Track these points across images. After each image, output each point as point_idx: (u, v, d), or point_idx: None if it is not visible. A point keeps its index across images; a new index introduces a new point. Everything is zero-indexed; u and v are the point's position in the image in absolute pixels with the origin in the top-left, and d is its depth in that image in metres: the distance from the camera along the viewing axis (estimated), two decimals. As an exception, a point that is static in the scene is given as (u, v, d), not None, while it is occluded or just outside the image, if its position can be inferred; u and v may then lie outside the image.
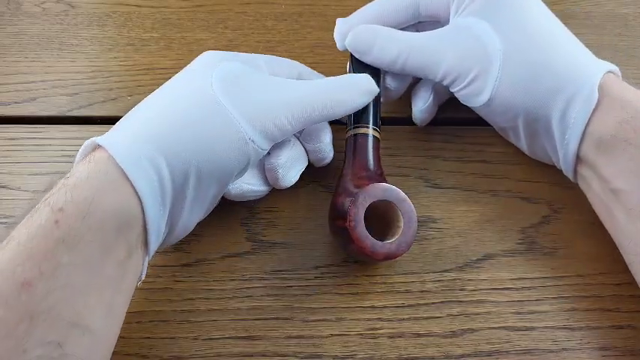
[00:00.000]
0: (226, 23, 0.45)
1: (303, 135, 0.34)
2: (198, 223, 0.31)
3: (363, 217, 0.29)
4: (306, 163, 0.34)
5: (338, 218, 0.30)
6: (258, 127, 0.29)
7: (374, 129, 0.33)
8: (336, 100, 0.31)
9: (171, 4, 0.46)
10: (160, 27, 0.44)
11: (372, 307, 0.31)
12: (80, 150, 0.28)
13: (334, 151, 0.35)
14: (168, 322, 0.30)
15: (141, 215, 0.26)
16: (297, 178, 0.33)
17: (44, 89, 0.40)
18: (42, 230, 0.23)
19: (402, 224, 0.30)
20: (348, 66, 0.37)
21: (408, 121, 0.39)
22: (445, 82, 0.34)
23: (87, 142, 0.27)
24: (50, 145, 0.37)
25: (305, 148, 0.34)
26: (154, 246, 0.27)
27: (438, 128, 0.39)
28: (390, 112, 0.40)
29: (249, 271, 0.32)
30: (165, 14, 0.45)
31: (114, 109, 0.39)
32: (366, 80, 0.33)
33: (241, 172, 0.30)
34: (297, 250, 0.33)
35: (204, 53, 0.32)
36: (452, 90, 0.34)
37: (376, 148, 0.33)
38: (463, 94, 0.34)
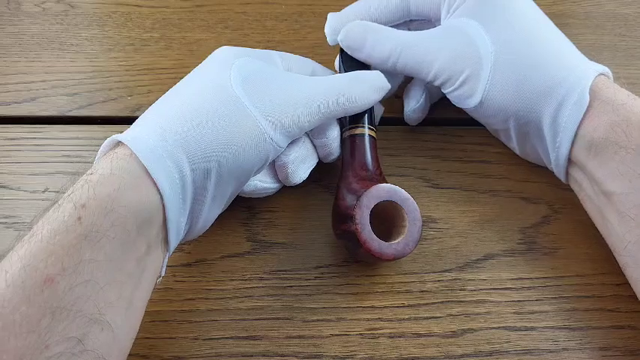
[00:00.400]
0: (226, 23, 0.45)
1: (310, 131, 0.33)
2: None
3: (368, 219, 0.29)
4: (316, 160, 0.34)
5: (343, 222, 0.30)
6: (277, 124, 0.29)
7: (370, 128, 0.33)
8: (351, 97, 0.31)
9: (172, 4, 0.46)
10: (160, 27, 0.44)
11: (372, 307, 0.31)
12: (101, 147, 0.28)
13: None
14: (168, 322, 0.30)
15: (161, 212, 0.26)
16: (306, 174, 0.33)
17: (44, 89, 0.40)
18: (64, 226, 0.23)
19: (406, 223, 0.30)
20: (337, 62, 0.37)
21: (408, 121, 0.39)
22: (436, 83, 0.34)
23: (108, 140, 0.28)
24: (50, 145, 0.37)
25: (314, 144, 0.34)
26: (174, 243, 0.27)
27: (438, 128, 0.39)
28: (389, 112, 0.40)
29: (249, 271, 0.32)
30: (166, 14, 0.45)
31: (114, 109, 0.40)
32: (377, 77, 0.33)
33: (260, 169, 0.30)
34: (297, 250, 0.33)
35: (220, 49, 0.32)
36: (443, 91, 0.34)
37: (374, 148, 0.33)
38: (454, 96, 0.34)
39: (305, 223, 0.34)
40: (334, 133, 0.33)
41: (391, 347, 0.30)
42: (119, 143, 0.27)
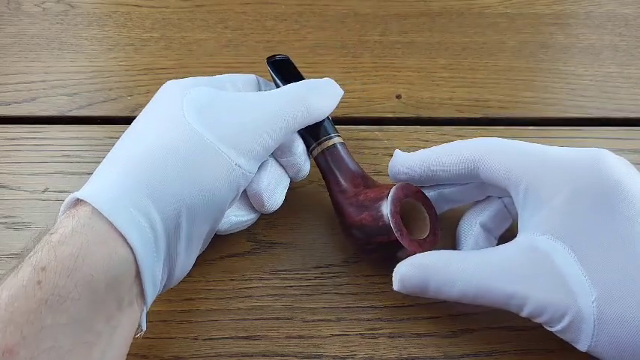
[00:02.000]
0: (226, 23, 0.45)
1: (274, 151, 0.32)
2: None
3: (401, 223, 0.29)
4: (288, 180, 0.33)
5: (376, 235, 0.29)
6: (241, 149, 0.28)
7: (337, 136, 0.33)
8: (311, 107, 0.30)
9: (171, 4, 0.46)
10: (159, 27, 0.44)
11: (372, 307, 0.31)
12: (62, 206, 0.26)
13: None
14: (167, 322, 0.30)
15: (133, 266, 0.24)
16: (282, 198, 0.32)
17: (44, 89, 0.40)
18: (24, 292, 0.22)
19: (426, 214, 0.30)
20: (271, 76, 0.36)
21: (408, 120, 0.39)
22: (531, 319, 0.27)
23: (67, 198, 0.26)
24: (50, 145, 0.37)
25: (281, 164, 0.32)
26: (151, 296, 0.26)
27: (438, 128, 0.39)
28: (389, 112, 0.40)
29: (249, 271, 0.32)
30: (165, 14, 0.45)
31: (114, 109, 0.40)
32: (331, 83, 0.32)
33: (233, 201, 0.29)
34: (297, 250, 0.33)
35: (167, 83, 0.31)
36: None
37: (349, 152, 0.33)
38: (562, 337, 0.27)
39: (305, 223, 0.34)
40: (300, 149, 0.32)
41: (391, 347, 0.30)
42: (79, 200, 0.25)
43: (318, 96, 0.31)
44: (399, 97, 0.41)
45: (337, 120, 0.40)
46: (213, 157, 0.27)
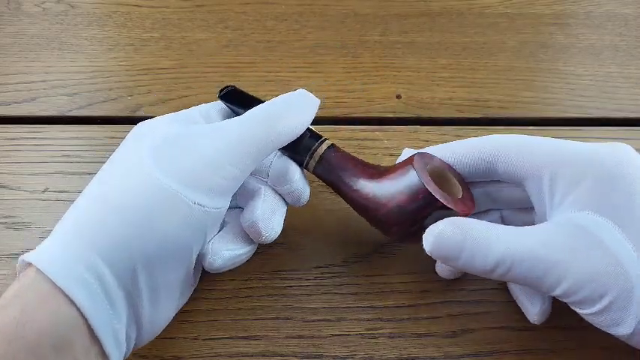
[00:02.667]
0: (226, 23, 0.45)
1: (270, 180, 0.30)
2: None
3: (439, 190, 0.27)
4: (285, 207, 0.31)
5: (420, 211, 0.27)
6: (202, 187, 0.26)
7: (324, 140, 0.30)
8: (280, 124, 0.28)
9: (171, 4, 0.46)
10: (159, 27, 0.44)
11: (372, 307, 0.31)
12: (17, 269, 0.25)
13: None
14: (168, 322, 0.30)
15: (83, 324, 0.23)
16: (281, 225, 0.30)
17: (44, 89, 0.40)
18: None
19: (454, 179, 0.29)
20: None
21: (408, 121, 0.39)
22: (563, 299, 0.26)
23: (19, 261, 0.24)
24: (50, 145, 0.37)
25: (278, 192, 0.31)
26: (116, 354, 0.24)
27: (438, 128, 0.39)
28: (390, 111, 0.40)
29: (249, 271, 0.32)
30: (165, 14, 0.45)
31: (114, 109, 0.40)
32: (303, 94, 0.29)
33: (203, 242, 0.28)
34: (297, 250, 0.33)
35: (137, 125, 0.29)
36: (573, 308, 0.26)
37: (342, 150, 0.31)
38: (594, 321, 0.26)
39: (305, 223, 0.34)
40: (296, 175, 0.30)
41: (391, 347, 0.30)
42: (29, 263, 0.24)
43: (288, 111, 0.28)
44: (399, 97, 0.41)
45: (337, 120, 0.40)
46: (170, 201, 0.25)
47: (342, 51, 0.43)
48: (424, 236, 0.26)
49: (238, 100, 0.32)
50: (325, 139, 0.30)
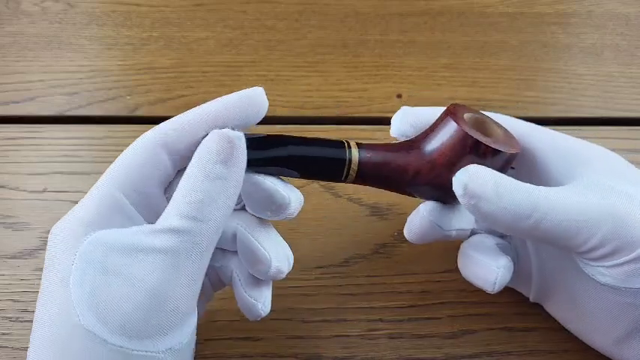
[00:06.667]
0: (226, 22, 0.45)
1: (255, 210, 0.25)
2: None
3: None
4: (271, 225, 0.27)
5: (463, 154, 0.25)
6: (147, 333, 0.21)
7: (349, 146, 0.26)
8: (213, 209, 0.22)
9: (171, 3, 0.46)
10: (159, 26, 0.44)
11: (372, 307, 0.31)
12: None
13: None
14: (167, 322, 0.30)
15: None
16: (285, 245, 0.26)
17: (43, 89, 0.40)
18: None
19: (489, 121, 0.27)
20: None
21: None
22: (593, 256, 0.25)
23: None
24: (49, 144, 0.37)
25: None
26: None
27: (439, 128, 0.39)
28: (390, 111, 0.40)
29: (249, 271, 0.32)
30: (165, 13, 0.45)
31: (113, 109, 0.39)
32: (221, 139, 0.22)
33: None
34: (297, 250, 0.33)
35: (53, 230, 0.23)
36: (595, 264, 0.25)
37: (376, 147, 0.27)
38: (620, 272, 0.25)
39: (305, 223, 0.34)
40: (284, 192, 0.25)
41: (391, 348, 0.30)
42: None
43: (216, 187, 0.22)
44: (399, 96, 0.41)
45: (338, 120, 0.40)
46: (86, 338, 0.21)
47: (342, 50, 0.43)
48: (455, 176, 0.24)
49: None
50: (348, 142, 0.26)
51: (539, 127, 0.29)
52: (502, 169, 0.26)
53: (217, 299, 0.31)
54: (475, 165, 0.25)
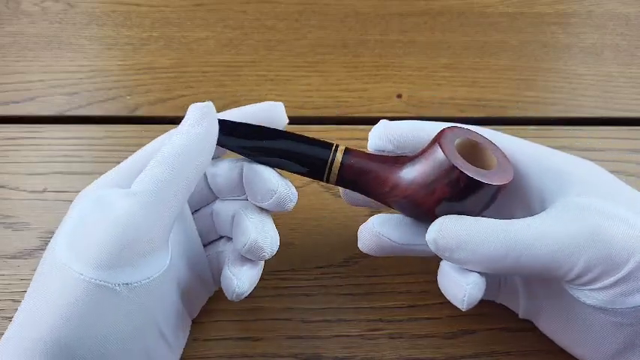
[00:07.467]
0: (226, 22, 0.45)
1: (250, 197, 0.27)
2: None
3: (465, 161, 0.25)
4: (270, 215, 0.28)
5: (442, 188, 0.25)
6: (120, 264, 0.23)
7: (337, 147, 0.27)
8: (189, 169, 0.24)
9: (171, 3, 0.46)
10: (159, 26, 0.44)
11: (372, 307, 0.31)
12: None
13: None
14: (167, 322, 0.30)
15: None
16: (277, 234, 0.27)
17: (43, 89, 0.40)
18: None
19: (486, 145, 0.26)
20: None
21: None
22: (578, 283, 0.24)
23: None
24: (49, 144, 0.37)
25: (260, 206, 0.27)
26: None
27: (439, 128, 0.39)
28: (391, 111, 0.40)
29: (249, 271, 0.32)
30: (165, 13, 0.45)
31: (113, 109, 0.39)
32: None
33: (163, 311, 0.26)
34: (297, 250, 0.33)
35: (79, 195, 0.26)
36: (582, 288, 0.25)
37: (359, 153, 0.27)
38: (607, 295, 0.24)
39: (305, 223, 0.34)
40: (277, 182, 0.26)
41: (391, 348, 0.30)
42: None
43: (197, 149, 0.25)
44: (399, 96, 0.41)
45: (338, 120, 0.40)
46: (93, 292, 0.22)
47: (342, 50, 0.43)
48: (428, 230, 0.25)
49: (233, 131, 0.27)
50: (337, 145, 0.27)
51: (526, 142, 0.28)
52: (490, 200, 0.25)
53: (217, 299, 0.31)
54: (445, 218, 0.25)
